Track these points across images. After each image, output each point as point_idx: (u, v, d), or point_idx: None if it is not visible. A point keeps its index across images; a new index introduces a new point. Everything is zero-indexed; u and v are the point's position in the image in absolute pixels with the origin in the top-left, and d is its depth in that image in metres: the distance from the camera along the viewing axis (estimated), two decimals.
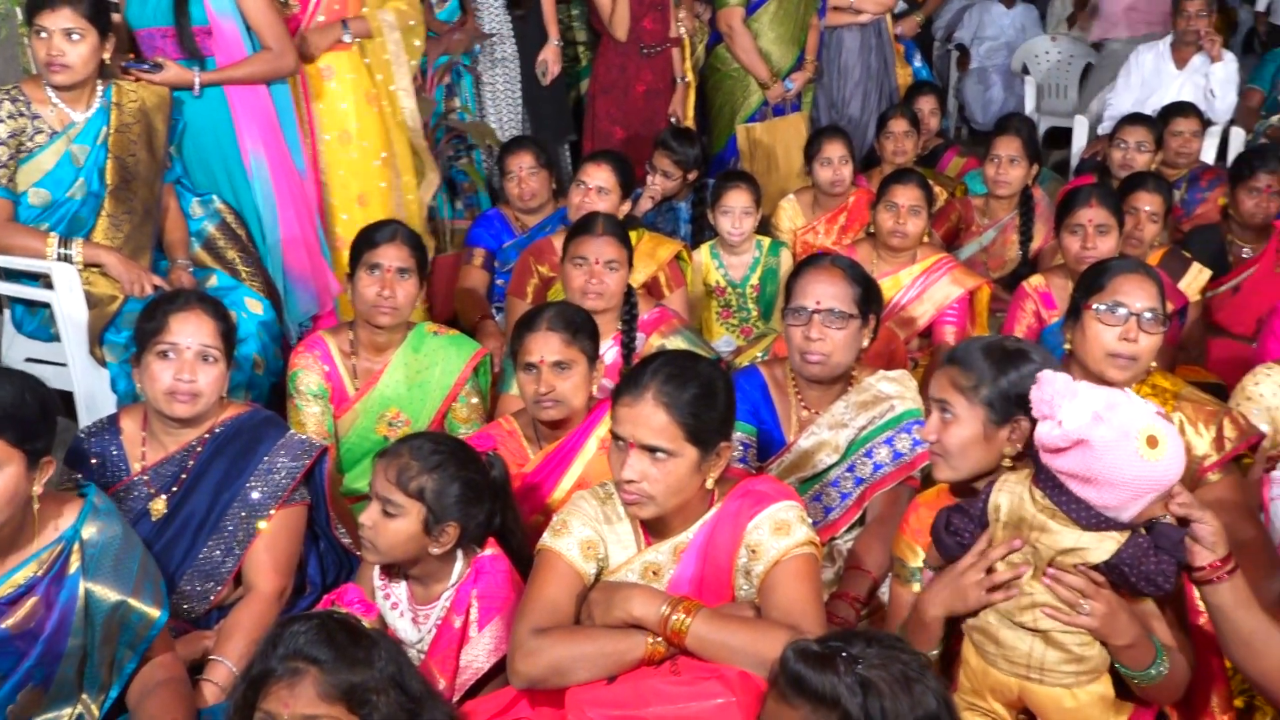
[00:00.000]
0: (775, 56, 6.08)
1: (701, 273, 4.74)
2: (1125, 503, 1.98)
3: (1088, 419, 1.95)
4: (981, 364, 2.32)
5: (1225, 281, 4.62)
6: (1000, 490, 2.15)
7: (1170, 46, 6.67)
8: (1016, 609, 2.12)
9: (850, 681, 1.63)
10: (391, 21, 4.51)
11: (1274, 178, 4.73)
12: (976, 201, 5.19)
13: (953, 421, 2.32)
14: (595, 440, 2.96)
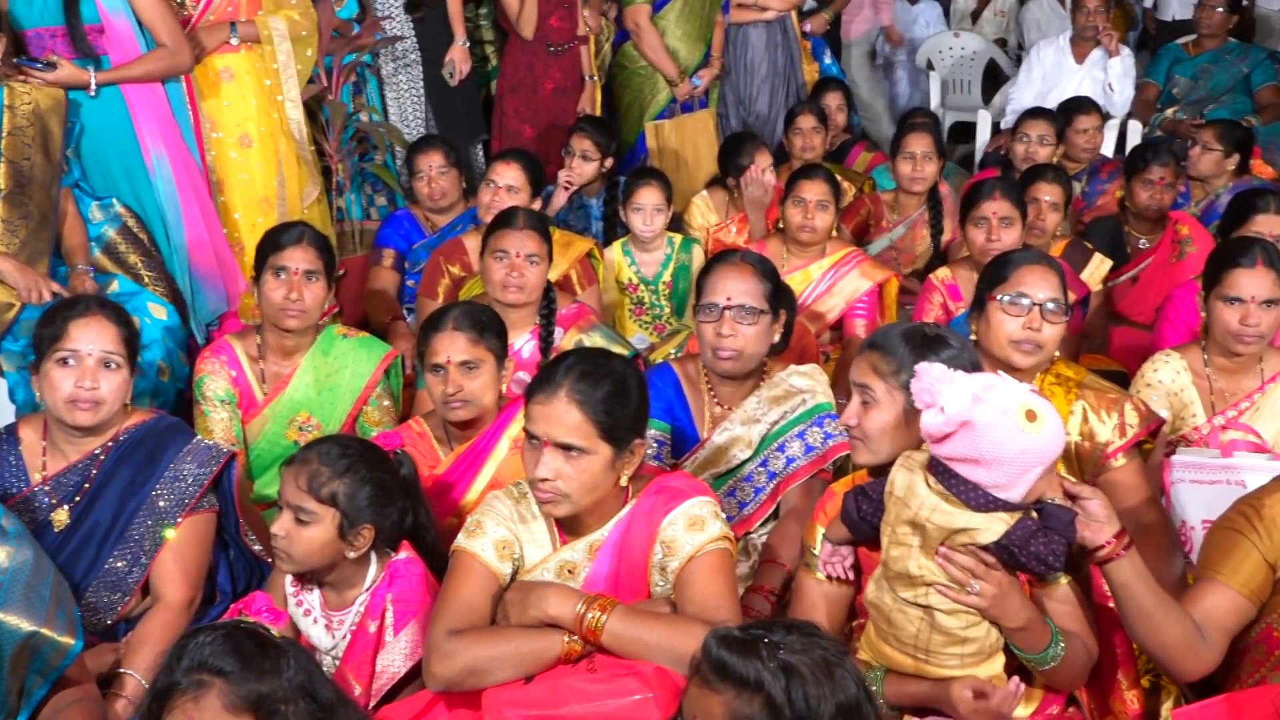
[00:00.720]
0: (682, 54, 6.11)
1: (614, 270, 4.75)
2: (1014, 478, 2.03)
3: (968, 401, 2.01)
4: (901, 349, 2.34)
5: (1125, 271, 4.73)
6: (899, 469, 2.18)
7: (1070, 42, 6.82)
8: (908, 586, 2.15)
9: (773, 666, 1.65)
10: (283, 30, 4.42)
11: (1167, 170, 4.86)
12: (885, 197, 5.25)
13: (873, 406, 2.34)
14: (508, 439, 2.95)
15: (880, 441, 2.34)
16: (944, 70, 8.55)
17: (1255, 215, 3.95)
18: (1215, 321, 3.26)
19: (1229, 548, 2.36)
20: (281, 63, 4.43)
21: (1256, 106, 6.61)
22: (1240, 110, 6.57)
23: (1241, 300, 3.20)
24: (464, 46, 5.75)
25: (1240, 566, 2.33)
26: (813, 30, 7.00)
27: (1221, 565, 2.34)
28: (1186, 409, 3.31)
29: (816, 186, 4.36)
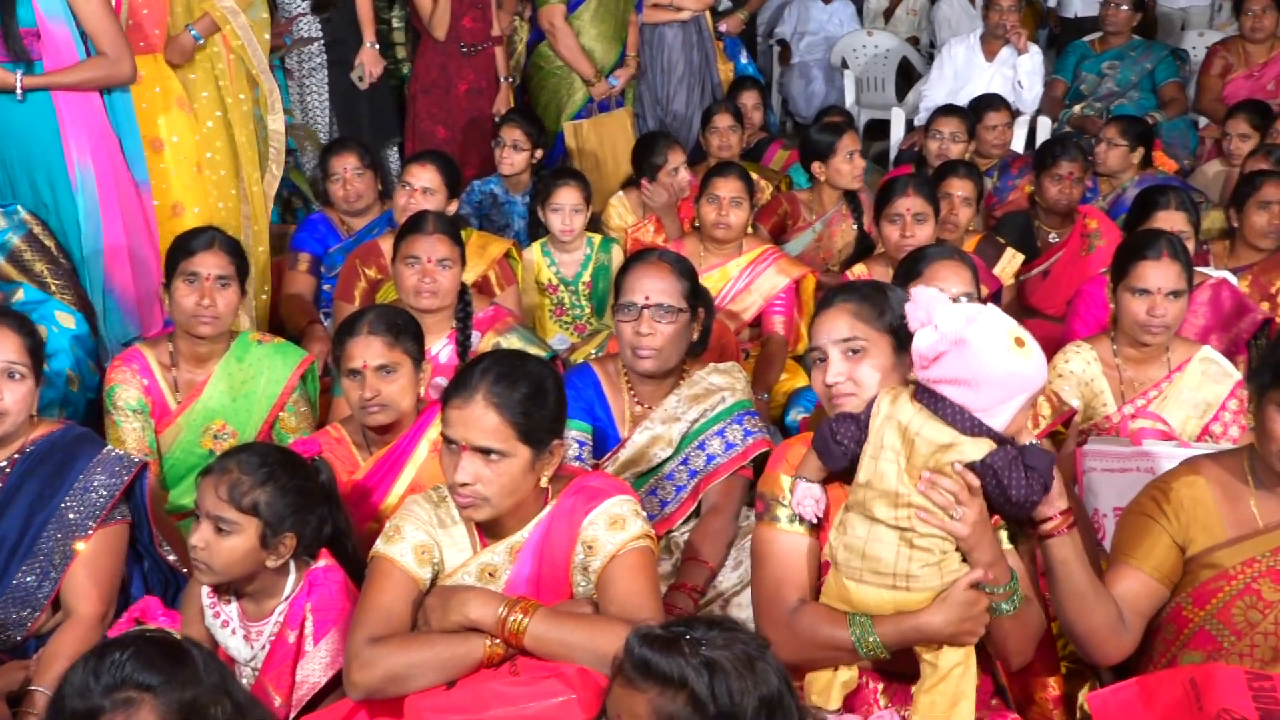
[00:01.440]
0: (598, 53, 6.11)
1: (533, 271, 4.73)
2: (999, 402, 2.07)
3: (962, 321, 2.06)
4: (870, 296, 2.35)
5: (1036, 265, 4.82)
6: (883, 398, 2.19)
7: (980, 40, 6.93)
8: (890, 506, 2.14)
9: (696, 663, 1.66)
10: (232, 7, 4.37)
11: (1075, 165, 4.96)
12: (802, 195, 5.27)
13: (864, 355, 2.30)
14: (427, 443, 2.93)
15: (875, 388, 2.28)
16: (858, 69, 8.64)
17: (1159, 211, 4.04)
18: (1123, 313, 3.33)
19: (1141, 533, 2.42)
20: (244, 38, 4.39)
21: (1160, 102, 6.77)
22: (1145, 105, 6.72)
23: (1148, 292, 3.27)
24: (374, 49, 5.69)
25: (1152, 551, 2.39)
26: (728, 30, 7.04)
27: (1134, 550, 2.40)
28: (1097, 399, 3.38)
29: (730, 184, 4.38)
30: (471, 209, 5.29)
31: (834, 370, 2.31)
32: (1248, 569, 2.36)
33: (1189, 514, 2.39)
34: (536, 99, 6.23)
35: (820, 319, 2.37)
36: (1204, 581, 2.39)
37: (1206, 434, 3.30)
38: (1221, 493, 2.41)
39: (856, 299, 2.34)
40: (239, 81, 4.50)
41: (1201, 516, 2.39)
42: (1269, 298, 4.32)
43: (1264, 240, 4.40)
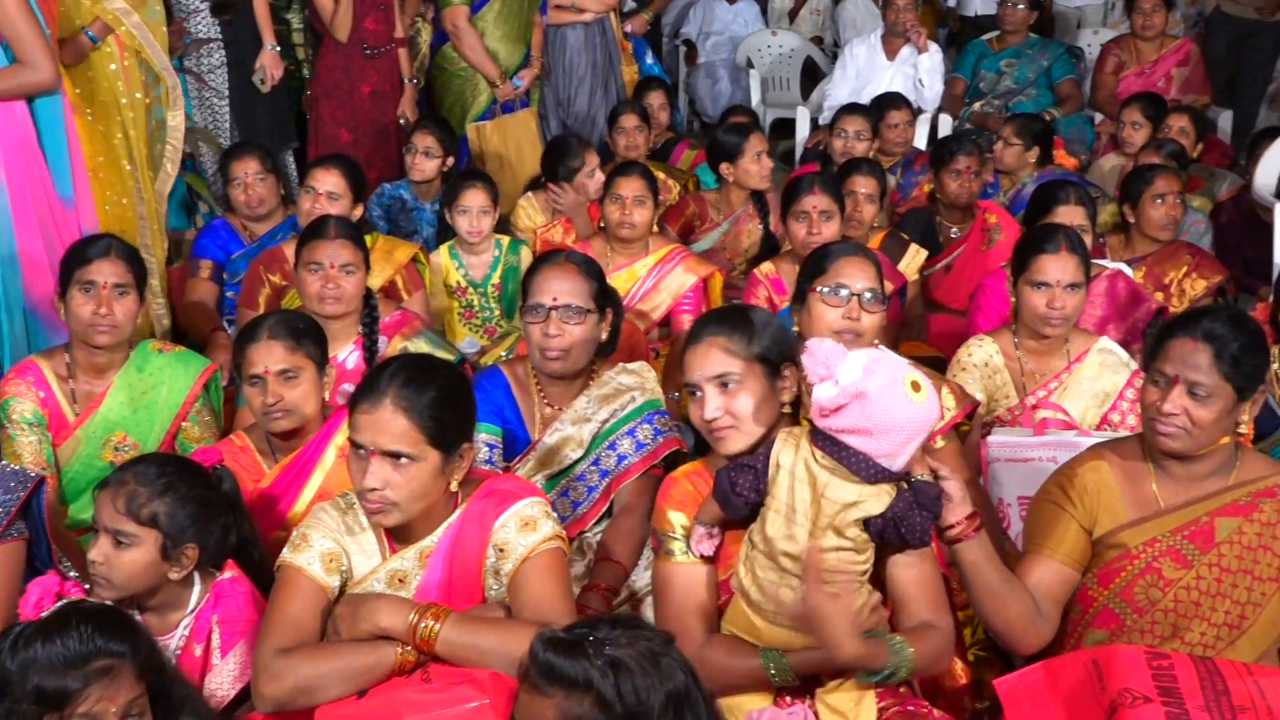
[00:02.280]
0: (502, 54, 6.08)
1: (441, 274, 4.70)
2: (899, 446, 2.12)
3: (860, 373, 2.10)
4: (738, 326, 2.37)
5: (939, 260, 4.90)
6: (783, 447, 2.22)
7: (881, 39, 7.01)
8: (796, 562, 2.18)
9: (601, 664, 1.66)
10: (123, 7, 4.27)
11: (972, 159, 5.05)
12: (709, 195, 5.28)
13: (738, 388, 2.34)
14: (334, 449, 2.89)
15: (754, 420, 2.34)
16: (763, 68, 8.71)
17: (1057, 206, 4.12)
18: (1024, 306, 3.40)
19: (1050, 521, 2.49)
20: (140, 37, 4.30)
21: (1057, 99, 6.92)
22: (1043, 102, 6.87)
23: (1048, 285, 3.34)
24: (274, 51, 5.61)
25: (1063, 539, 2.46)
26: (633, 31, 7.05)
27: (1046, 539, 2.47)
28: (1000, 390, 3.44)
29: (633, 183, 4.38)
30: (380, 213, 5.24)
31: (710, 406, 2.35)
32: (1149, 548, 2.44)
33: (1094, 498, 2.47)
34: (441, 101, 6.18)
35: (691, 354, 2.40)
36: (1108, 561, 2.46)
37: (1106, 422, 3.38)
38: (1124, 476, 2.49)
39: (725, 331, 2.37)
40: (134, 81, 4.41)
41: (1106, 499, 2.47)
42: (1163, 288, 4.44)
43: (1162, 233, 4.51)
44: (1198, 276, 4.46)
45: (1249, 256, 5.12)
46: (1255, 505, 2.42)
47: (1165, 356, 2.37)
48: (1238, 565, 2.41)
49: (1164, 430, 2.37)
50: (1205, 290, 4.44)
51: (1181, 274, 4.48)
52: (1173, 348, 2.36)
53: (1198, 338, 2.34)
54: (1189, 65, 6.86)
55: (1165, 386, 2.36)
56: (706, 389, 2.36)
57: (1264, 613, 2.41)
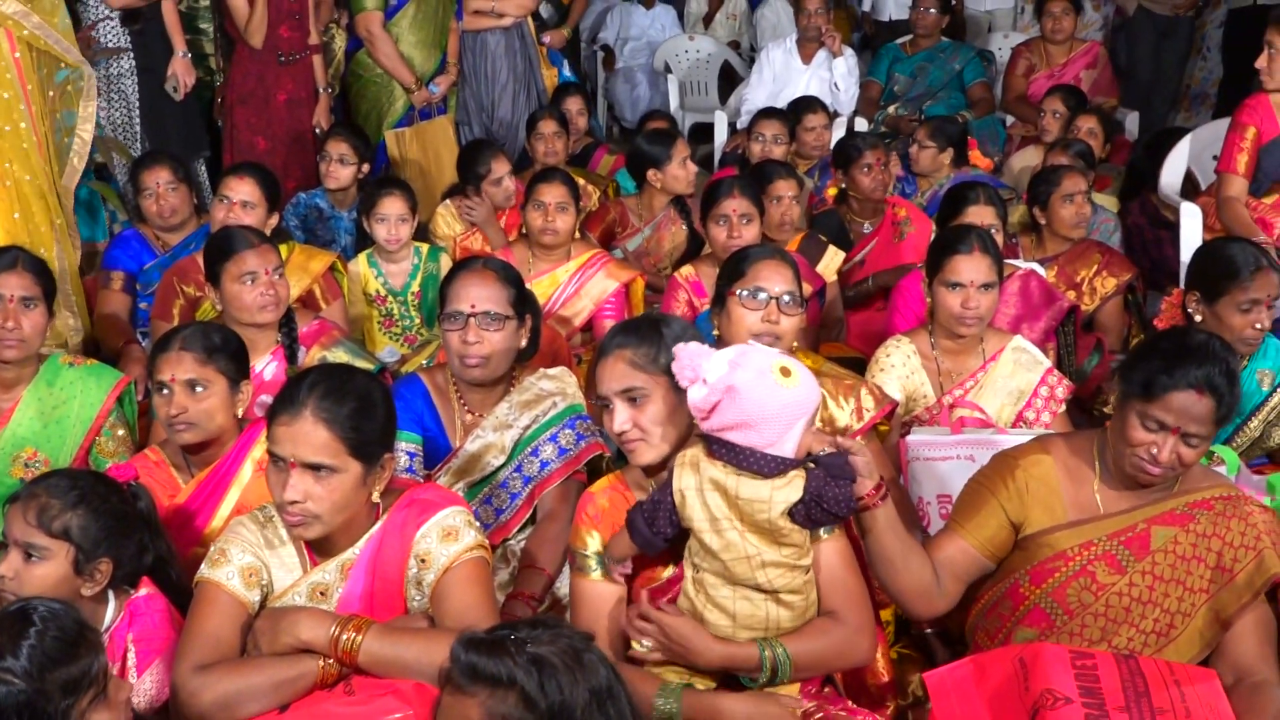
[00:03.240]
0: (417, 61, 6.05)
1: (360, 282, 4.66)
2: (781, 433, 2.14)
3: (726, 369, 2.14)
4: (645, 338, 2.38)
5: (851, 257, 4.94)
6: (681, 473, 2.23)
7: (796, 44, 7.08)
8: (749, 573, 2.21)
9: (524, 661, 1.67)
10: (21, 10, 4.16)
11: (877, 153, 5.11)
12: (629, 201, 5.30)
13: (645, 401, 2.35)
14: (251, 462, 2.85)
15: (664, 432, 2.36)
16: (681, 73, 8.75)
17: (967, 207, 4.19)
18: (939, 306, 3.45)
19: (978, 504, 2.53)
20: (45, 36, 4.18)
21: (969, 101, 7.03)
22: (955, 105, 6.97)
23: (961, 285, 3.39)
24: (186, 58, 5.53)
25: (985, 524, 2.50)
26: (551, 44, 7.04)
27: (968, 521, 2.52)
28: (918, 390, 3.48)
29: (554, 189, 4.39)
30: (297, 222, 5.18)
31: (619, 419, 2.37)
32: (1085, 551, 2.47)
33: (1032, 494, 2.49)
34: (357, 108, 6.13)
35: (600, 367, 2.42)
36: (1041, 560, 2.48)
37: (1021, 420, 3.44)
38: (1067, 474, 2.51)
39: (632, 345, 2.38)
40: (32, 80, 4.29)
41: (1044, 496, 2.49)
42: (1075, 286, 4.53)
43: (1072, 231, 4.61)
44: (1108, 275, 4.56)
45: (1157, 255, 5.24)
46: (1191, 516, 2.46)
47: (1165, 406, 2.35)
48: (1170, 574, 2.45)
49: (1152, 471, 2.39)
50: (1116, 288, 4.54)
51: (1092, 272, 4.57)
52: (1174, 400, 2.34)
53: (1202, 391, 2.34)
54: (1097, 68, 7.02)
55: (1160, 433, 2.37)
56: (615, 402, 2.38)
57: (1192, 623, 2.45)
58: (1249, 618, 2.44)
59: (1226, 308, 3.35)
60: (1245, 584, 2.44)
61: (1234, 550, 2.45)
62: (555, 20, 7.01)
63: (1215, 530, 2.46)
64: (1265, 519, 2.48)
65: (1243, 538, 2.45)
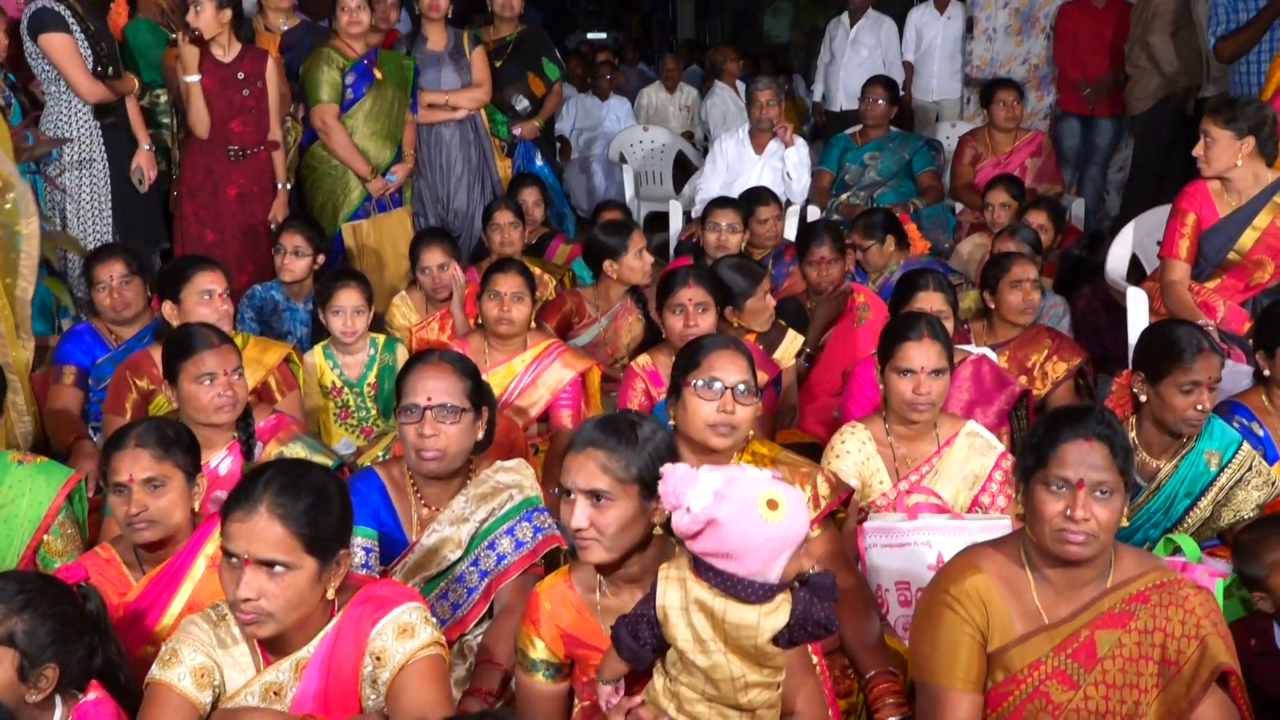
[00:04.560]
0: (372, 152, 6.11)
1: (316, 374, 4.65)
2: (765, 565, 2.10)
3: (710, 499, 2.09)
4: (622, 441, 2.38)
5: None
6: (667, 586, 2.20)
7: (748, 134, 7.20)
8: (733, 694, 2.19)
9: None
10: None
11: (824, 248, 5.15)
12: (586, 291, 5.30)
13: (610, 505, 2.35)
14: (204, 559, 2.82)
15: (620, 538, 2.36)
16: (636, 163, 8.89)
17: (918, 293, 4.26)
18: (891, 392, 3.49)
19: (950, 647, 2.47)
20: None
21: (919, 189, 7.16)
22: (906, 193, 7.11)
23: (912, 371, 3.43)
24: (150, 151, 5.56)
25: (969, 664, 2.46)
26: (523, 135, 7.09)
27: (953, 669, 2.46)
28: (874, 476, 3.50)
29: (510, 280, 4.40)
30: (252, 314, 5.18)
31: (578, 515, 2.36)
32: (1035, 671, 2.45)
33: (981, 612, 2.47)
34: (312, 200, 6.16)
35: (571, 459, 2.41)
36: (995, 685, 2.47)
37: (977, 504, 3.46)
38: (1004, 586, 2.49)
39: (607, 448, 2.38)
40: None
41: (993, 615, 2.47)
42: (1026, 371, 4.59)
43: (1021, 317, 4.67)
44: (1058, 359, 4.62)
45: (1106, 340, 5.33)
46: (1131, 613, 2.45)
47: (1060, 462, 2.37)
48: (1122, 680, 2.43)
49: (1075, 540, 2.38)
50: (1066, 372, 4.60)
51: (1043, 357, 4.63)
52: (1067, 452, 2.37)
53: (1091, 436, 2.37)
54: (1041, 155, 7.16)
55: (1068, 493, 2.38)
56: (578, 498, 2.38)
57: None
58: (1205, 710, 2.40)
59: (1169, 389, 3.40)
60: (1191, 675, 2.41)
61: (1176, 641, 2.43)
62: (530, 112, 7.05)
63: (1156, 624, 2.44)
64: (1201, 601, 2.46)
65: (1183, 627, 2.43)
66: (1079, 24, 8.14)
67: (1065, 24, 8.27)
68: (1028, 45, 8.67)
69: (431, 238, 5.29)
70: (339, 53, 6.01)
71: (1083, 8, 8.16)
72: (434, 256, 5.15)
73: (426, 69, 6.44)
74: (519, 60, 7.03)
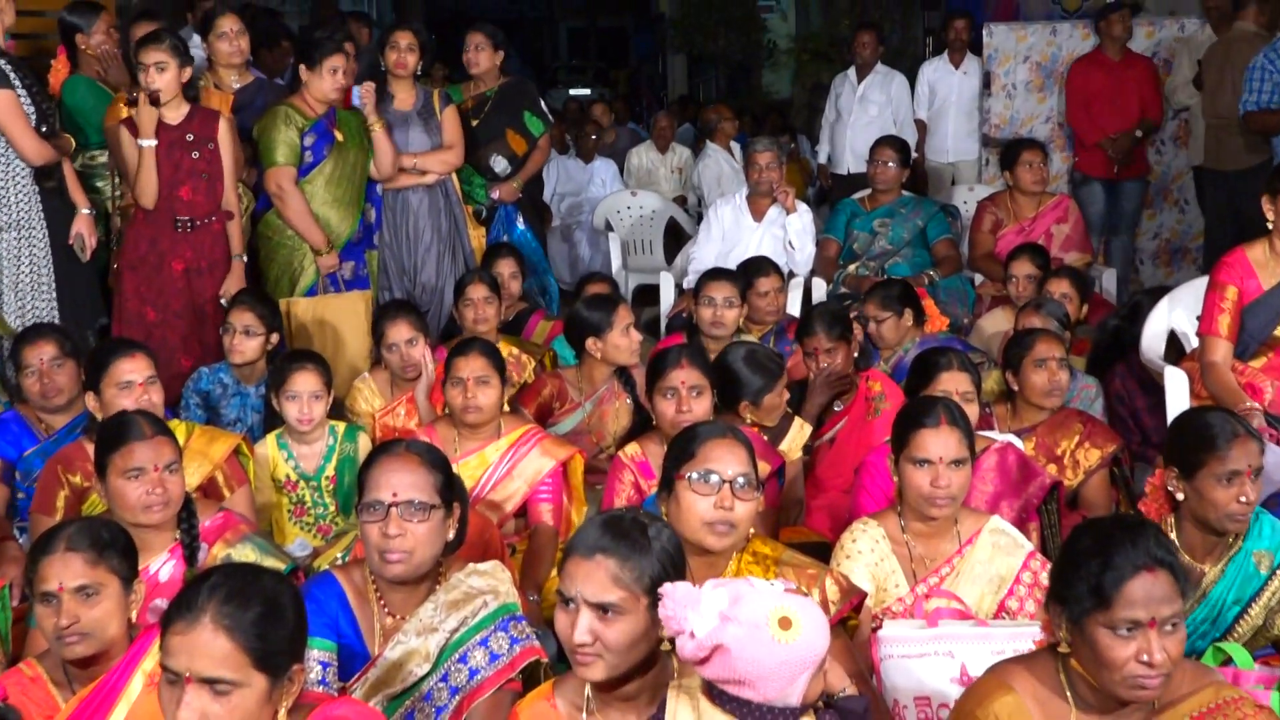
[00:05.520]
0: (334, 220, 6.13)
1: (268, 467, 4.64)
2: (783, 689, 2.10)
3: (716, 622, 2.09)
4: (635, 548, 2.38)
5: (822, 433, 5.00)
6: (678, 704, 2.20)
7: (746, 199, 7.24)
8: None
9: None
10: None
11: (820, 338, 5.11)
12: (568, 373, 5.30)
13: (619, 619, 2.35)
14: (141, 676, 2.79)
15: (626, 655, 2.36)
16: (623, 231, 8.93)
17: (940, 374, 4.27)
18: (907, 485, 3.49)
19: None
20: None
21: (934, 259, 7.15)
22: (920, 263, 7.11)
23: (930, 461, 3.43)
24: (90, 216, 5.60)
25: None
26: (501, 198, 7.14)
27: None
28: (889, 579, 3.50)
29: (472, 362, 4.39)
30: (198, 400, 5.18)
31: (581, 629, 2.36)
32: None
33: None
34: (266, 273, 6.18)
35: (574, 564, 2.41)
36: None
37: (1003, 610, 3.45)
38: (1040, 711, 2.47)
39: (619, 555, 2.38)
40: None
41: None
42: (1055, 460, 4.60)
43: (1047, 400, 4.68)
44: (1091, 446, 4.62)
45: (1145, 422, 5.34)
46: None
47: (1128, 602, 2.35)
48: None
49: (1151, 684, 2.36)
50: (1100, 460, 4.60)
51: (1074, 444, 4.64)
52: (1133, 589, 2.35)
53: (1153, 565, 2.36)
54: (1069, 221, 7.18)
55: (1139, 634, 2.36)
56: (582, 609, 2.37)
57: None
58: None
59: (1206, 482, 3.36)
60: None
61: None
62: (510, 173, 7.11)
63: None
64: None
65: None
66: (1093, 81, 8.31)
67: (1077, 81, 8.43)
68: (1050, 102, 8.82)
69: (397, 311, 5.32)
70: (298, 111, 6.05)
71: (1097, 63, 8.32)
72: (400, 331, 5.17)
73: (394, 129, 6.51)
74: (499, 115, 7.14)
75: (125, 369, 4.26)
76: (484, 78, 7.18)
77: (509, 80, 7.34)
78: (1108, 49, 8.36)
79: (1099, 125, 8.20)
